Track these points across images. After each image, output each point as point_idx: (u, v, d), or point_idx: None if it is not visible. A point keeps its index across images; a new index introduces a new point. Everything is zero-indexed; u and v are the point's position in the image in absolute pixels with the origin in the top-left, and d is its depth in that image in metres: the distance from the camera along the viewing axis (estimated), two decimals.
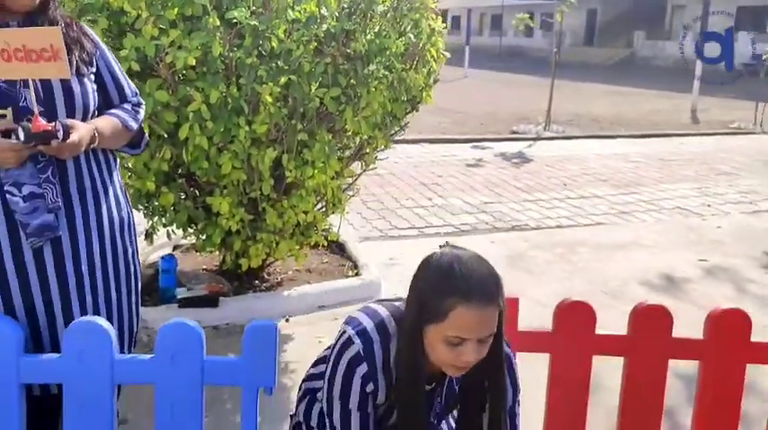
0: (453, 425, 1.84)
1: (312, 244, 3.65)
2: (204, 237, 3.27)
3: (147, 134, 2.14)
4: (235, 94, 2.76)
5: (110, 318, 1.96)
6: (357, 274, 3.93)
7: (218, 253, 3.75)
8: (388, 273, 4.11)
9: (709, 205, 6.06)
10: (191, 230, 3.37)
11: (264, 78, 2.73)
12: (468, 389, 1.66)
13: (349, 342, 1.59)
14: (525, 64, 28.39)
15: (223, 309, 3.44)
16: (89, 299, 1.91)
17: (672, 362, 2.13)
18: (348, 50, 2.96)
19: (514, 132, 9.78)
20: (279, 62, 2.76)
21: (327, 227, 3.65)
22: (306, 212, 3.29)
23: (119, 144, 1.98)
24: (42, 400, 1.92)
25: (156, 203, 3.18)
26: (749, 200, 6.30)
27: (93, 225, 1.89)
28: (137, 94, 2.04)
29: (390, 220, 5.35)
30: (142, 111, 2.03)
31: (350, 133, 3.40)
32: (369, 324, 1.61)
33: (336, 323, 3.36)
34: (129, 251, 2.04)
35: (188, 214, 3.21)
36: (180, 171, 3.12)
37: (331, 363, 1.63)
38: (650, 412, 2.15)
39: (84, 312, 1.90)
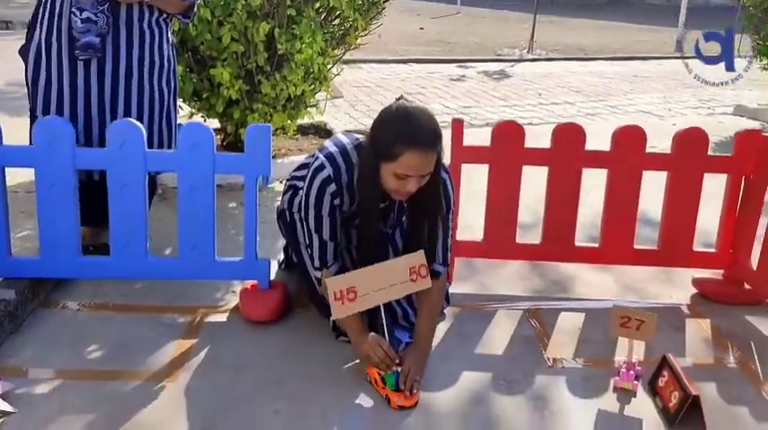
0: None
1: (302, 118, 4.17)
2: (208, 107, 3.79)
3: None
4: None
5: None
6: None
7: (218, 135, 4.27)
8: None
9: (669, 109, 6.57)
10: (196, 103, 3.88)
11: None
12: (413, 206, 2.14)
13: (321, 167, 2.05)
14: (521, 2, 28.29)
15: None
16: (121, 111, 2.46)
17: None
18: None
19: (499, 55, 10.18)
20: None
21: (315, 103, 4.16)
22: (296, 85, 3.79)
23: (171, 9, 2.54)
24: (89, 186, 2.49)
25: None
26: (708, 106, 6.81)
27: (134, 57, 2.47)
28: None
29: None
30: None
31: (335, 20, 3.89)
32: (337, 153, 2.06)
33: None
34: (166, 93, 2.61)
35: (193, 86, 3.72)
36: (186, 46, 3.61)
37: (307, 182, 2.09)
38: (568, 211, 2.71)
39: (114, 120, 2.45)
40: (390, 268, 2.06)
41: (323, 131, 4.89)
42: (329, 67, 4.03)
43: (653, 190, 2.76)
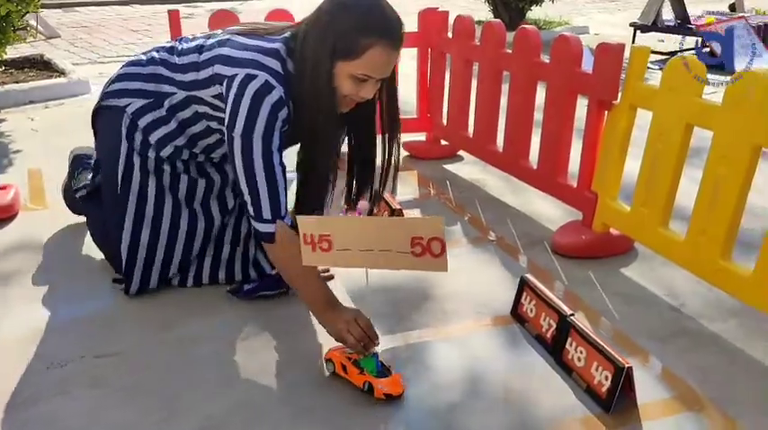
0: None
1: (11, 43, 3.92)
2: None
3: None
4: None
5: None
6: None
7: None
8: (99, 79, 4.50)
9: None
10: None
11: None
12: (359, 116, 1.75)
13: (268, 87, 1.55)
14: None
15: None
16: None
17: None
18: None
19: None
20: None
21: (24, 25, 3.93)
22: (0, 5, 3.56)
23: None
24: None
25: None
26: None
27: None
28: None
29: (99, 52, 5.64)
30: None
31: None
32: (275, 64, 1.59)
33: (48, 111, 3.80)
34: None
35: None
36: None
37: (246, 111, 1.55)
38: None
39: None
40: (385, 227, 1.42)
41: (41, 64, 4.61)
42: None
43: None
